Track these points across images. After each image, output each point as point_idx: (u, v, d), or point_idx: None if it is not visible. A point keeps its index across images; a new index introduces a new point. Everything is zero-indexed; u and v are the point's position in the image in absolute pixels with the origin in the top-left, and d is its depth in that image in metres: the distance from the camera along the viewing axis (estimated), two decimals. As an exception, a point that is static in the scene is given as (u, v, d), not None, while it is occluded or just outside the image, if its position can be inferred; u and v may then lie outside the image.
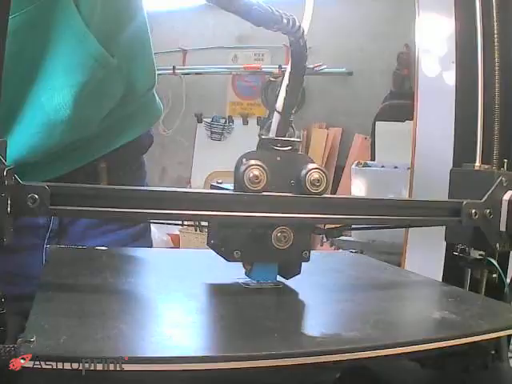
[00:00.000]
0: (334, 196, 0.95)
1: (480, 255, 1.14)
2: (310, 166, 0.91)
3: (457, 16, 1.52)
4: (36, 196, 0.70)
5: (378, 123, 3.36)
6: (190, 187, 4.58)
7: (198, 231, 1.11)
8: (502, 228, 1.02)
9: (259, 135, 0.93)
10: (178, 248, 4.13)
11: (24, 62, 0.84)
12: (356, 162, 3.34)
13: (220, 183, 0.93)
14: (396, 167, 3.04)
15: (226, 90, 4.76)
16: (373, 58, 3.92)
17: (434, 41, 1.79)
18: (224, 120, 4.75)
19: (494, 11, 1.33)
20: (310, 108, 4.17)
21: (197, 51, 4.59)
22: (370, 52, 3.88)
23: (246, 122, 4.68)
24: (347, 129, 4.29)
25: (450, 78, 1.54)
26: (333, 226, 1.02)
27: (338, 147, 4.31)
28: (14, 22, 0.76)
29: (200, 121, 4.81)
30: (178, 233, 4.27)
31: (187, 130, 4.79)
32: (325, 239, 1.03)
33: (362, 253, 1.73)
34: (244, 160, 0.88)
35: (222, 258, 0.92)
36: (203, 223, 1.00)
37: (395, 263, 1.83)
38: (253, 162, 0.87)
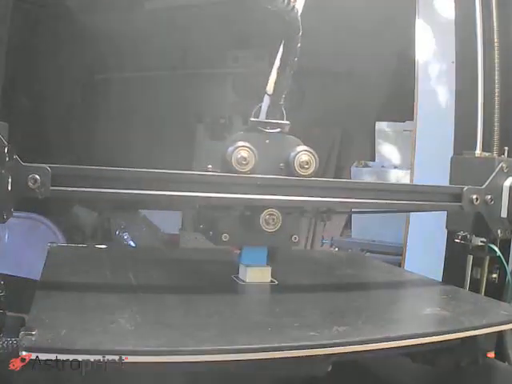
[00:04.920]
0: (324, 179, 0.94)
1: (481, 242, 1.15)
2: (299, 148, 0.91)
3: (457, 16, 1.53)
4: (37, 177, 0.71)
5: (378, 123, 3.35)
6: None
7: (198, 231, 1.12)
8: (503, 214, 1.03)
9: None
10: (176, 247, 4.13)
11: None
12: (356, 162, 3.34)
13: (209, 168, 0.92)
14: (396, 167, 3.04)
15: (226, 90, 4.76)
16: (373, 58, 3.92)
17: (434, 41, 1.80)
18: (224, 120, 4.74)
19: (494, 11, 1.34)
20: (309, 108, 4.17)
21: (197, 51, 4.60)
22: (370, 52, 3.87)
23: (245, 122, 4.67)
24: (347, 129, 4.29)
25: (450, 78, 1.55)
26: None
27: (338, 147, 4.30)
28: None
29: (200, 121, 4.81)
30: (177, 233, 4.27)
31: (187, 130, 4.79)
32: (325, 240, 1.03)
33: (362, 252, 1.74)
34: (232, 141, 0.88)
35: (211, 243, 0.92)
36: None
37: (395, 263, 1.84)
38: (241, 143, 0.87)
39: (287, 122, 0.91)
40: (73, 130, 4.66)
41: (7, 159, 0.69)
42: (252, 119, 0.90)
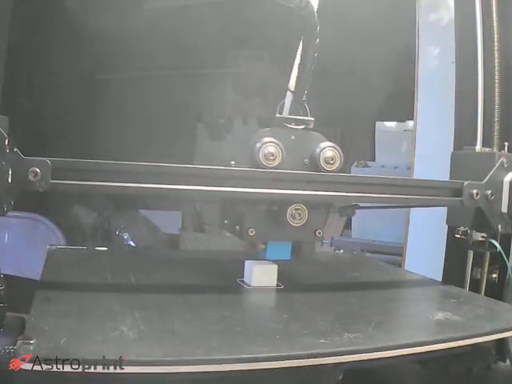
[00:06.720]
0: (348, 174, 0.94)
1: (482, 237, 1.14)
2: (324, 144, 0.91)
3: (457, 16, 1.52)
4: (37, 170, 0.71)
5: (378, 123, 3.34)
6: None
7: (198, 231, 1.10)
8: (504, 209, 1.03)
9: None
10: (178, 248, 4.12)
11: None
12: (356, 162, 3.33)
13: (232, 164, 0.91)
14: (396, 167, 3.03)
15: (226, 90, 4.75)
16: (373, 58, 3.91)
17: (435, 41, 1.79)
18: (224, 120, 4.72)
19: (494, 11, 1.33)
20: (309, 108, 4.16)
21: (197, 51, 4.58)
22: (370, 52, 3.86)
23: (245, 122, 4.66)
24: (347, 129, 4.27)
25: (450, 78, 1.54)
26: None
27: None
28: None
29: (200, 121, 4.79)
30: (177, 233, 4.25)
31: (187, 130, 4.78)
32: (328, 241, 1.02)
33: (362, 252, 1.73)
34: (258, 137, 0.88)
35: (238, 238, 0.91)
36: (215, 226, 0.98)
37: (395, 263, 1.83)
38: (268, 139, 0.86)
39: (312, 119, 0.91)
40: (72, 130, 4.64)
41: (7, 151, 0.68)
42: (277, 115, 0.90)
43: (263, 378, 0.65)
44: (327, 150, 0.89)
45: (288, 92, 0.93)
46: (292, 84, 0.93)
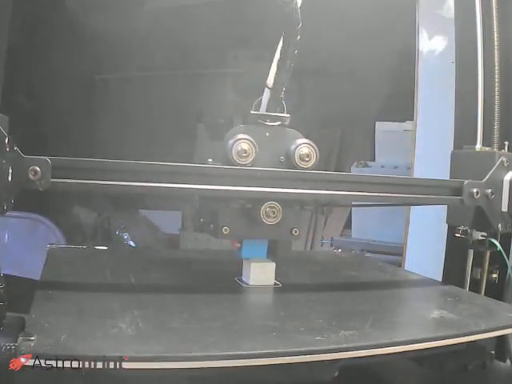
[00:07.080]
0: (324, 171, 0.92)
1: (482, 236, 1.14)
2: (300, 141, 0.90)
3: (457, 16, 1.53)
4: (37, 169, 0.71)
5: (378, 123, 3.34)
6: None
7: (199, 231, 1.11)
8: (504, 208, 1.03)
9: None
10: (178, 248, 4.12)
11: None
12: (356, 162, 3.33)
13: (210, 162, 0.92)
14: (396, 167, 3.03)
15: (226, 90, 4.75)
16: (373, 58, 3.91)
17: (435, 41, 1.79)
18: (224, 120, 4.73)
19: (494, 11, 1.34)
20: (309, 108, 4.16)
21: (197, 51, 4.59)
22: (370, 52, 3.87)
23: (245, 122, 4.66)
24: (347, 129, 4.28)
25: (450, 78, 1.54)
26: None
27: (338, 147, 4.29)
28: None
29: (200, 121, 4.80)
30: (177, 233, 4.26)
31: (187, 130, 4.78)
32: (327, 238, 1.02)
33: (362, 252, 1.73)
34: (232, 134, 0.88)
35: (212, 236, 0.91)
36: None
37: (395, 263, 1.83)
38: (241, 135, 0.86)
39: (287, 115, 0.90)
40: (73, 129, 4.65)
41: (7, 150, 0.69)
42: (252, 112, 0.90)
43: (259, 375, 0.66)
44: (302, 146, 0.88)
45: (266, 88, 0.93)
46: (270, 80, 0.93)
